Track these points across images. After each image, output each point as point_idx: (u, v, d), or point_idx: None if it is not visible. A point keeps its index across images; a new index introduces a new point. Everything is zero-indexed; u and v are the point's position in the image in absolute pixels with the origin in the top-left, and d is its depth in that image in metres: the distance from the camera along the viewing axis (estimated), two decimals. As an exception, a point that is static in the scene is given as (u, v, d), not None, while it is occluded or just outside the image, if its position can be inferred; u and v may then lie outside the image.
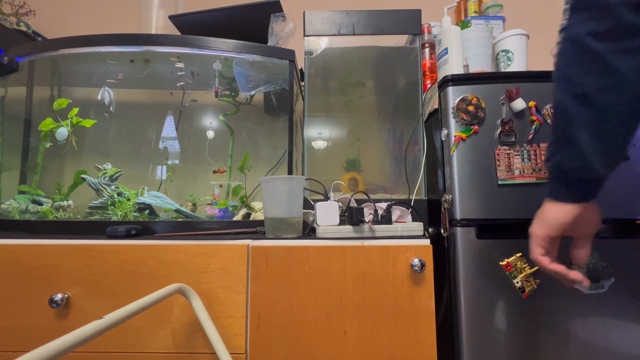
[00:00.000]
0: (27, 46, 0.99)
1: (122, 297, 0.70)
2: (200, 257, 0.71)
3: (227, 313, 0.70)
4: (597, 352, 0.71)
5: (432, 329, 0.70)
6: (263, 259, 0.71)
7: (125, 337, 0.69)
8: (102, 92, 1.08)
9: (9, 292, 0.70)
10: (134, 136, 1.26)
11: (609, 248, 0.72)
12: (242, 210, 0.95)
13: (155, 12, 1.12)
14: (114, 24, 1.47)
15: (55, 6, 1.49)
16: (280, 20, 1.00)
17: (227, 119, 1.16)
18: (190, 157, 1.24)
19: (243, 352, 0.69)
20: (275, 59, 0.99)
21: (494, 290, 0.73)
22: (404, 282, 0.70)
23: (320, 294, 0.70)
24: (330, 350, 0.69)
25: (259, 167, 1.25)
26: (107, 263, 0.71)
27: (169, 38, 0.94)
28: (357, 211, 0.74)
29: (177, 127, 1.23)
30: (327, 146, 1.12)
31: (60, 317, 0.70)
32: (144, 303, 0.53)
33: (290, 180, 0.78)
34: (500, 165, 0.75)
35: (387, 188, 1.07)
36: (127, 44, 0.95)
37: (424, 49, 1.05)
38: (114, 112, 1.18)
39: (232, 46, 0.94)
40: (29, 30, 1.19)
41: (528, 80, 0.78)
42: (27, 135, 1.12)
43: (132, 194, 0.94)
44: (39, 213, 0.93)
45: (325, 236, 0.74)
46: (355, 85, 1.16)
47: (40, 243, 0.72)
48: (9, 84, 1.11)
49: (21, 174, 1.11)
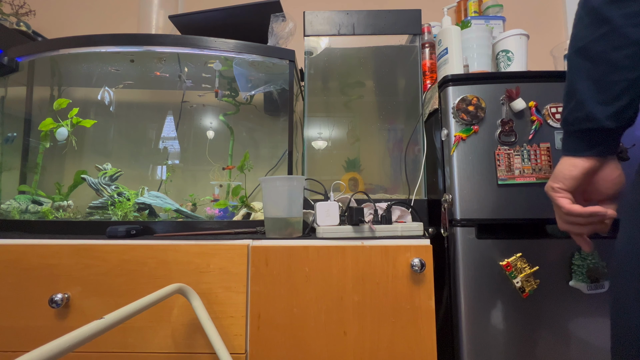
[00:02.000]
0: (27, 46, 0.99)
1: (122, 297, 0.70)
2: (200, 257, 0.71)
3: (227, 313, 0.70)
4: (597, 352, 0.71)
5: (432, 329, 0.70)
6: (263, 259, 0.71)
7: (125, 337, 0.69)
8: (102, 92, 1.08)
9: (9, 292, 0.70)
10: (134, 136, 1.26)
11: (609, 248, 0.72)
12: (242, 210, 0.95)
13: (155, 12, 1.12)
14: (114, 24, 1.47)
15: (55, 6, 1.49)
16: (280, 20, 1.00)
17: (227, 119, 1.16)
18: (190, 157, 1.24)
19: (243, 352, 0.69)
20: (275, 59, 0.99)
21: (494, 290, 0.73)
22: (404, 282, 0.70)
23: (320, 294, 0.70)
24: (330, 350, 0.69)
25: (259, 167, 1.25)
26: (107, 263, 0.71)
27: (169, 38, 0.94)
28: (357, 211, 0.74)
29: (177, 127, 1.23)
30: (327, 146, 1.12)
31: (60, 317, 0.70)
32: (144, 303, 0.53)
33: (290, 180, 0.78)
34: (500, 165, 0.75)
35: (387, 188, 1.08)
36: (127, 44, 0.95)
37: (424, 49, 1.05)
38: (114, 112, 1.18)
39: (232, 46, 0.94)
40: (29, 30, 1.19)
41: (528, 80, 0.78)
42: (27, 135, 1.12)
43: (132, 194, 0.93)
44: (39, 213, 0.93)
45: (325, 236, 0.74)
46: (355, 85, 1.16)
47: (40, 243, 0.72)
48: (9, 84, 1.11)
49: (21, 174, 1.11)
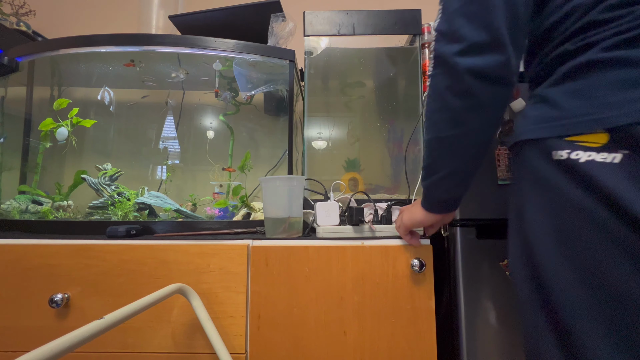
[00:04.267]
0: (27, 46, 0.99)
1: (122, 297, 0.70)
2: (200, 257, 0.71)
3: (227, 313, 0.70)
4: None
5: (432, 329, 0.70)
6: (263, 259, 0.71)
7: (125, 337, 0.69)
8: (102, 92, 1.08)
9: (9, 292, 0.70)
10: (134, 136, 1.26)
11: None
12: (242, 210, 0.95)
13: (155, 12, 1.12)
14: (114, 24, 1.47)
15: (55, 6, 1.49)
16: (280, 20, 1.00)
17: (227, 119, 1.16)
18: (190, 157, 1.24)
19: (243, 352, 0.69)
20: (275, 59, 0.99)
21: (494, 290, 0.73)
22: (404, 282, 0.70)
23: (320, 294, 0.70)
24: (330, 350, 0.69)
25: (259, 167, 1.25)
26: (107, 263, 0.71)
27: (169, 38, 0.94)
28: (357, 211, 0.74)
29: (177, 127, 1.23)
30: (327, 146, 1.12)
31: (60, 317, 0.70)
32: (144, 303, 0.53)
33: (290, 180, 0.78)
34: (500, 165, 0.75)
35: (387, 188, 1.07)
36: (127, 44, 0.95)
37: (424, 49, 1.05)
38: (114, 112, 1.18)
39: (232, 46, 0.94)
40: (29, 30, 1.19)
41: (528, 80, 0.78)
42: (27, 135, 1.12)
43: (132, 194, 0.93)
44: (39, 213, 0.93)
45: (325, 236, 0.74)
46: (355, 85, 1.16)
47: (40, 243, 0.72)
48: (9, 84, 1.11)
49: (21, 174, 1.11)
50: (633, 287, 0.36)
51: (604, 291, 0.37)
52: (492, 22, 0.41)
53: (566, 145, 0.39)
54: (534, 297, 0.43)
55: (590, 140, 0.38)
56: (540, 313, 0.42)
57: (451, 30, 0.44)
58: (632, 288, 0.36)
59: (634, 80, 0.37)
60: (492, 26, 0.41)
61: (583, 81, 0.40)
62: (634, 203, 0.35)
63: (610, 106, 0.37)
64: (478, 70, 0.43)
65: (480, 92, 0.44)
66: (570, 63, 0.42)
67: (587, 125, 0.38)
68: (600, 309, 0.37)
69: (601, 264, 0.37)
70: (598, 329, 0.37)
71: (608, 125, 0.37)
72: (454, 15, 0.44)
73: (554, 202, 0.41)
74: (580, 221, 0.39)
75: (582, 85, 0.40)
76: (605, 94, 0.38)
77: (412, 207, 0.66)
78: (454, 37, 0.44)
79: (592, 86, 0.40)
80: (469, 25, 0.42)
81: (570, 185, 0.39)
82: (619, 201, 0.36)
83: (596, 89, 0.39)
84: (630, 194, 0.35)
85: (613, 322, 0.37)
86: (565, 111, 0.41)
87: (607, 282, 0.37)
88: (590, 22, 0.41)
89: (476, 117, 0.46)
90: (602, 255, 0.37)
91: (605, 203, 0.37)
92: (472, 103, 0.45)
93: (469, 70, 0.43)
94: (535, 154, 0.43)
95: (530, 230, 0.44)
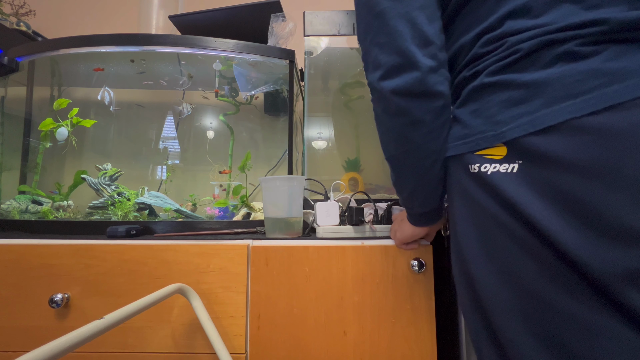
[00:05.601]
0: (27, 46, 0.99)
1: (122, 297, 0.70)
2: (200, 257, 0.71)
3: (227, 313, 0.70)
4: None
5: (432, 329, 0.70)
6: (263, 259, 0.71)
7: (125, 337, 0.69)
8: (102, 92, 1.08)
9: (9, 292, 0.70)
10: (134, 136, 1.26)
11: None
12: (242, 210, 0.95)
13: (155, 12, 1.12)
14: (114, 24, 1.47)
15: (55, 6, 1.49)
16: (280, 20, 1.00)
17: (227, 119, 1.16)
18: (190, 157, 1.24)
19: (243, 352, 0.69)
20: (275, 59, 0.99)
21: (494, 290, 0.73)
22: (404, 282, 0.70)
23: (320, 294, 0.70)
24: (330, 350, 0.69)
25: (259, 167, 1.25)
26: (107, 263, 0.71)
27: (169, 38, 0.94)
28: (357, 211, 0.74)
29: (177, 127, 1.23)
30: (327, 146, 1.12)
31: (60, 317, 0.70)
32: (144, 303, 0.53)
33: (290, 180, 0.78)
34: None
35: (387, 188, 1.07)
36: (127, 44, 0.95)
37: (424, 49, 1.05)
38: (114, 112, 1.18)
39: (232, 46, 0.94)
40: (29, 30, 1.19)
41: (528, 80, 0.78)
42: (27, 135, 1.12)
43: (132, 194, 0.94)
44: (39, 213, 0.93)
45: (325, 236, 0.74)
46: (355, 85, 1.15)
47: (40, 243, 0.72)
48: (9, 84, 1.11)
49: (21, 174, 1.11)
50: (540, 286, 0.39)
51: (521, 292, 0.40)
52: (400, 45, 0.45)
53: (478, 159, 0.44)
54: (470, 303, 0.47)
55: (494, 153, 0.42)
56: (477, 317, 0.46)
57: (371, 59, 0.49)
58: (540, 287, 0.39)
59: (514, 99, 0.41)
60: (401, 49, 0.45)
61: (479, 102, 0.46)
62: (530, 207, 0.38)
63: (500, 123, 0.42)
64: (400, 89, 0.46)
65: (410, 108, 0.47)
66: (468, 87, 0.47)
67: (489, 140, 0.43)
68: (523, 310, 0.40)
69: (515, 267, 0.41)
70: (524, 332, 0.40)
71: (503, 139, 0.41)
72: (370, 47, 0.48)
73: (475, 211, 0.45)
74: (494, 228, 0.42)
75: (479, 106, 0.46)
76: (495, 112, 0.43)
77: (401, 223, 0.68)
78: (375, 65, 0.48)
79: (485, 106, 0.45)
80: (382, 52, 0.47)
81: (483, 195, 0.43)
82: (518, 207, 0.39)
83: (488, 108, 0.44)
84: (526, 199, 0.39)
85: (532, 320, 0.39)
86: (471, 129, 0.46)
87: (522, 284, 0.40)
88: (475, 55, 0.47)
89: (416, 132, 0.49)
90: (514, 259, 0.41)
91: (509, 209, 0.40)
92: (407, 120, 0.48)
93: (393, 91, 0.47)
94: (458, 169, 0.48)
95: (461, 239, 0.47)
